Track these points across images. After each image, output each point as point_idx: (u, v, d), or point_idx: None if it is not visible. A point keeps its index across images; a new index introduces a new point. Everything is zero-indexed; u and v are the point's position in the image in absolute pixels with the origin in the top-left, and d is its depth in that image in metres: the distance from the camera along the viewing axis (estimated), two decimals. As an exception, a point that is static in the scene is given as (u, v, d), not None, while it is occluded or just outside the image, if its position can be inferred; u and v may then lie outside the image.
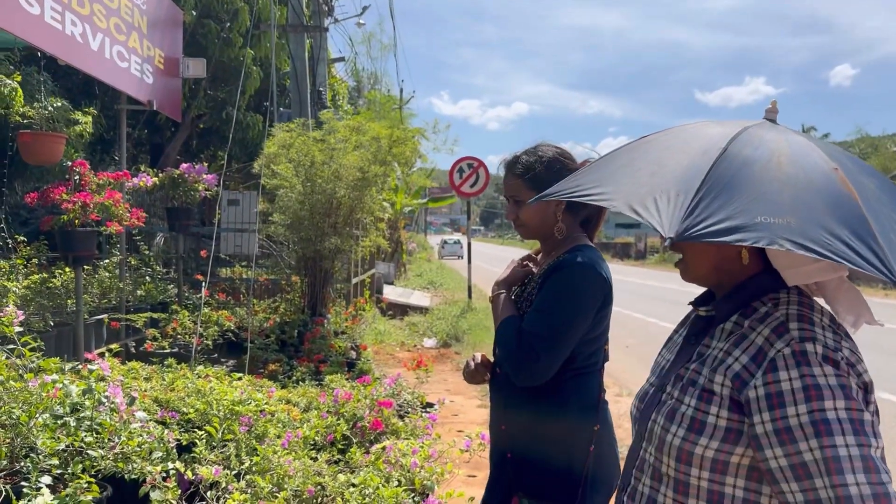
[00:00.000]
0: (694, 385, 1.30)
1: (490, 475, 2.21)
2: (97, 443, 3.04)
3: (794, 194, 1.13)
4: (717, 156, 1.20)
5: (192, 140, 13.64)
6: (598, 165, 1.40)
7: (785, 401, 1.16)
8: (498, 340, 2.04)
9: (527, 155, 2.14)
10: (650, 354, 7.28)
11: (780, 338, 1.22)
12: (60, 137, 5.34)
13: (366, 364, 6.20)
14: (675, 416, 1.30)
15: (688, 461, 1.26)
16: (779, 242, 1.06)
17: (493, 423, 2.19)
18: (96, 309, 6.11)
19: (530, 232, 2.15)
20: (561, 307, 1.97)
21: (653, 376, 1.49)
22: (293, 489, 2.95)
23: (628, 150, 1.39)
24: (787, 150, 1.22)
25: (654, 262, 39.82)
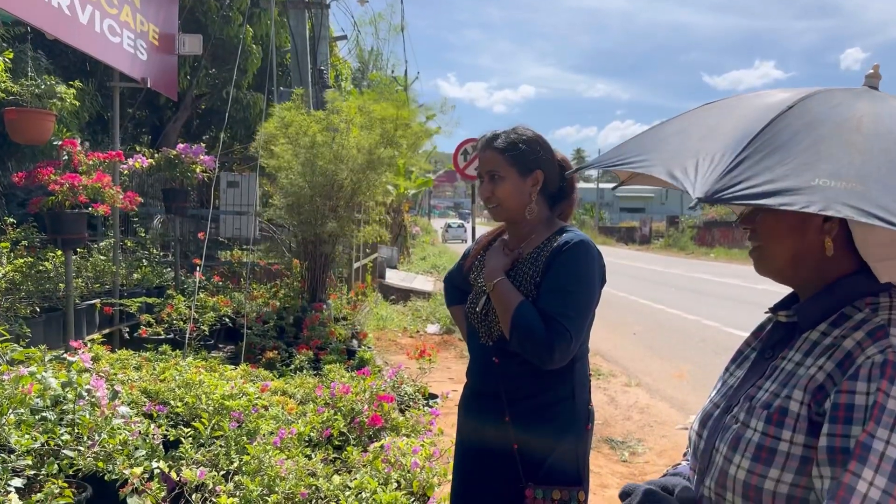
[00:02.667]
0: (767, 407, 1.08)
1: (475, 470, 2.11)
2: (76, 440, 2.85)
3: (868, 158, 0.94)
4: (777, 113, 1.02)
5: (194, 121, 13.39)
6: (650, 133, 1.22)
7: (852, 417, 0.96)
8: (517, 326, 1.94)
9: (506, 132, 2.13)
10: (659, 343, 7.10)
11: (875, 343, 1.01)
12: (49, 114, 5.11)
13: (366, 352, 6.00)
14: (740, 443, 1.08)
15: (757, 499, 1.05)
16: (835, 208, 0.88)
17: (488, 418, 2.07)
18: (89, 293, 5.91)
19: (504, 211, 2.12)
20: (580, 286, 1.98)
21: (718, 395, 1.26)
22: (285, 492, 2.76)
23: (686, 116, 1.20)
24: (873, 112, 1.02)
25: (659, 247, 39.53)
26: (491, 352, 2.08)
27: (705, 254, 32.99)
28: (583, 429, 2.05)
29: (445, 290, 2.58)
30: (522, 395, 2.01)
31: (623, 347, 9.39)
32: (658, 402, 6.65)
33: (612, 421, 5.93)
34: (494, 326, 2.06)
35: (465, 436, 2.18)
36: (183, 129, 12.70)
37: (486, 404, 2.07)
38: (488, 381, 2.08)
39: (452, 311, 2.52)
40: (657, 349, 9.26)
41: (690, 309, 13.08)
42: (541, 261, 2.03)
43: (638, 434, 5.55)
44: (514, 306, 1.96)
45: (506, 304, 1.98)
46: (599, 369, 7.75)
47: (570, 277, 1.97)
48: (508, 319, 1.96)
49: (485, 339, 2.11)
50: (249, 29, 10.19)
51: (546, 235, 2.09)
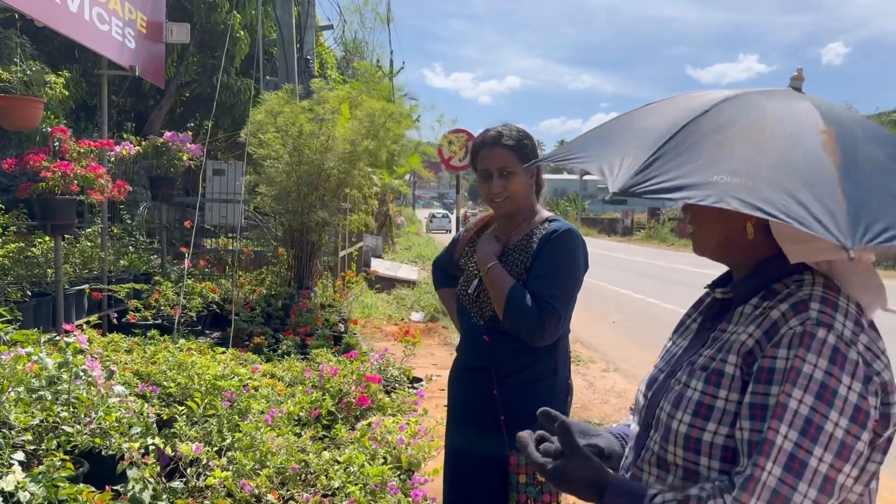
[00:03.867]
0: (704, 369, 1.23)
1: (465, 438, 2.27)
2: (73, 418, 2.95)
3: (763, 156, 1.08)
4: (694, 116, 1.16)
5: (178, 108, 13.38)
6: (597, 130, 1.36)
7: (773, 378, 1.11)
8: (510, 307, 2.11)
9: (509, 130, 2.27)
10: (637, 330, 7.32)
11: (796, 315, 1.15)
12: (38, 101, 5.15)
13: (352, 338, 6.12)
14: (682, 401, 1.22)
15: (696, 449, 1.19)
16: (726, 200, 1.02)
17: (475, 390, 2.24)
18: (77, 279, 5.98)
19: (514, 205, 2.26)
20: (568, 270, 2.17)
21: (662, 362, 1.40)
22: (276, 466, 2.88)
23: (629, 115, 1.34)
24: (778, 114, 1.16)
25: (641, 239, 39.89)
26: (482, 330, 2.25)
27: (685, 245, 33.35)
28: (563, 401, 2.24)
29: (434, 274, 2.74)
30: (510, 371, 2.19)
31: (602, 335, 9.59)
32: (635, 386, 6.82)
33: (589, 405, 6.11)
34: (486, 307, 2.23)
35: (455, 407, 2.35)
36: (167, 116, 12.69)
37: (476, 379, 2.25)
38: (479, 358, 2.25)
39: (441, 293, 2.68)
40: (636, 337, 9.47)
41: (669, 299, 13.31)
42: (531, 247, 2.20)
43: (615, 417, 5.74)
44: (507, 289, 2.12)
45: (499, 287, 2.15)
46: (579, 356, 7.94)
47: (559, 263, 2.16)
48: (502, 301, 2.13)
49: (476, 319, 2.28)
50: (237, 15, 10.21)
51: (534, 224, 2.26)
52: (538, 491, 2.11)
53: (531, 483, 2.11)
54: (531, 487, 2.11)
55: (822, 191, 1.01)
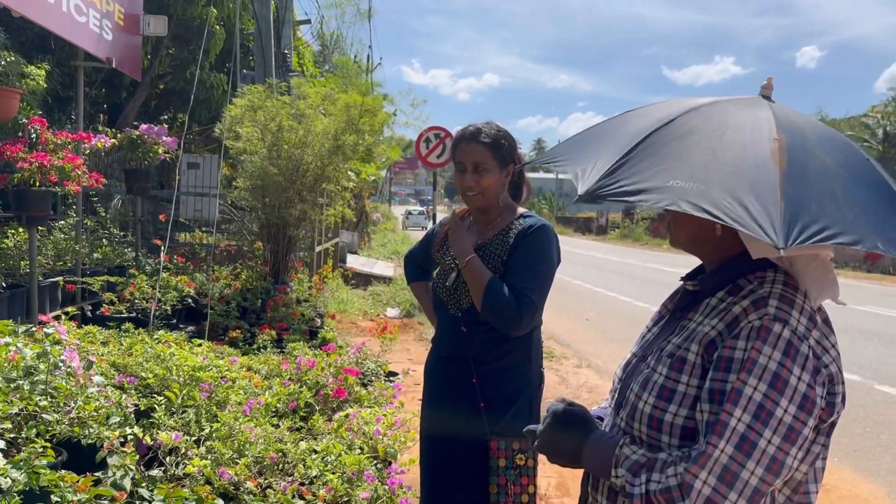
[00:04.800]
0: (671, 356, 1.33)
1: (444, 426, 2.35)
2: (52, 407, 2.97)
3: (716, 162, 1.16)
4: (659, 126, 1.26)
5: (152, 101, 13.26)
6: (581, 135, 1.46)
7: (731, 366, 1.21)
8: (489, 298, 2.20)
9: (488, 127, 2.36)
10: (610, 328, 7.46)
11: (756, 310, 1.25)
12: (14, 92, 5.12)
13: (329, 332, 6.16)
14: (648, 384, 1.33)
15: (658, 428, 1.29)
16: (678, 204, 1.11)
17: (454, 379, 2.33)
18: (51, 271, 5.95)
19: (485, 200, 2.36)
20: (543, 264, 2.27)
21: (637, 347, 1.52)
22: (254, 455, 2.93)
23: (610, 121, 1.44)
24: (738, 123, 1.25)
25: (615, 238, 40.31)
26: (459, 321, 2.33)
27: (658, 244, 33.77)
28: (536, 389, 2.36)
29: (406, 268, 2.82)
30: (487, 359, 2.28)
31: (576, 332, 9.73)
32: (606, 382, 6.97)
33: (562, 399, 6.22)
34: (463, 299, 2.32)
35: (433, 396, 2.42)
36: (141, 108, 12.57)
37: (454, 368, 2.33)
38: (457, 348, 2.33)
39: (414, 286, 2.77)
40: (608, 333, 9.63)
41: (641, 297, 13.52)
42: (507, 241, 2.31)
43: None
44: (485, 281, 2.22)
45: (478, 280, 2.24)
46: (552, 352, 8.06)
47: (535, 257, 2.27)
48: (481, 293, 2.22)
49: (454, 311, 2.36)
50: (213, 10, 10.16)
51: (510, 219, 2.37)
52: (517, 474, 2.22)
53: (510, 466, 2.21)
54: (510, 471, 2.21)
55: (765, 194, 1.10)
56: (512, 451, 2.22)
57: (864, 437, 5.70)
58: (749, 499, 1.15)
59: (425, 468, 2.47)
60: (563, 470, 4.54)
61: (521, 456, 2.23)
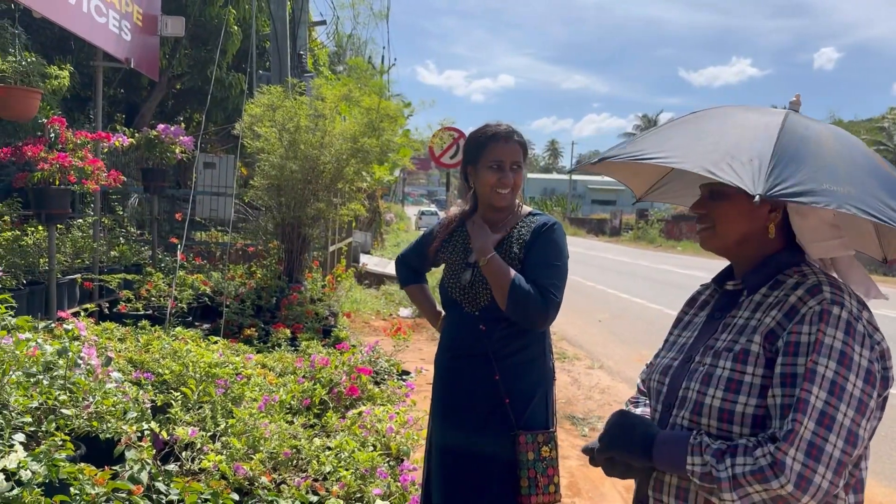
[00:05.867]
0: (729, 350, 1.40)
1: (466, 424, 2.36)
2: (71, 402, 3.03)
3: (846, 168, 1.29)
4: (778, 131, 1.34)
5: (169, 101, 13.39)
6: (648, 135, 1.50)
7: (798, 350, 1.30)
8: (515, 296, 2.23)
9: (514, 128, 2.44)
10: (623, 329, 7.45)
11: (813, 297, 1.34)
12: (36, 92, 5.20)
13: (342, 331, 6.21)
14: (712, 379, 1.39)
15: (729, 419, 1.35)
16: (846, 207, 1.21)
17: (476, 377, 2.34)
18: (69, 268, 6.03)
19: (513, 198, 2.44)
20: (562, 260, 2.33)
21: (671, 352, 1.57)
22: (269, 451, 2.97)
23: (673, 126, 1.50)
24: (827, 132, 1.38)
25: (629, 239, 40.16)
26: (477, 320, 2.35)
27: (672, 246, 33.63)
28: (551, 382, 2.42)
29: (400, 272, 2.83)
30: (506, 355, 2.32)
31: (588, 333, 9.72)
32: (619, 383, 6.98)
33: (574, 400, 6.23)
34: (481, 297, 2.35)
35: (450, 395, 2.41)
36: (158, 108, 12.70)
37: (474, 366, 2.34)
38: (476, 346, 2.34)
39: (409, 290, 2.80)
40: (620, 335, 9.61)
41: (654, 298, 13.48)
42: (522, 239, 2.35)
43: (598, 412, 5.86)
44: (510, 279, 2.25)
45: (502, 277, 2.27)
46: (564, 353, 8.06)
47: (554, 253, 2.33)
48: (506, 290, 2.25)
49: (469, 309, 2.38)
50: (232, 10, 10.25)
51: (520, 217, 2.43)
52: (544, 466, 2.27)
53: (538, 459, 2.26)
54: (539, 463, 2.26)
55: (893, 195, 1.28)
56: (538, 443, 2.27)
57: (879, 441, 5.68)
58: (835, 471, 1.23)
59: (442, 467, 2.42)
60: (574, 470, 4.56)
61: (546, 448, 2.28)
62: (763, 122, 1.38)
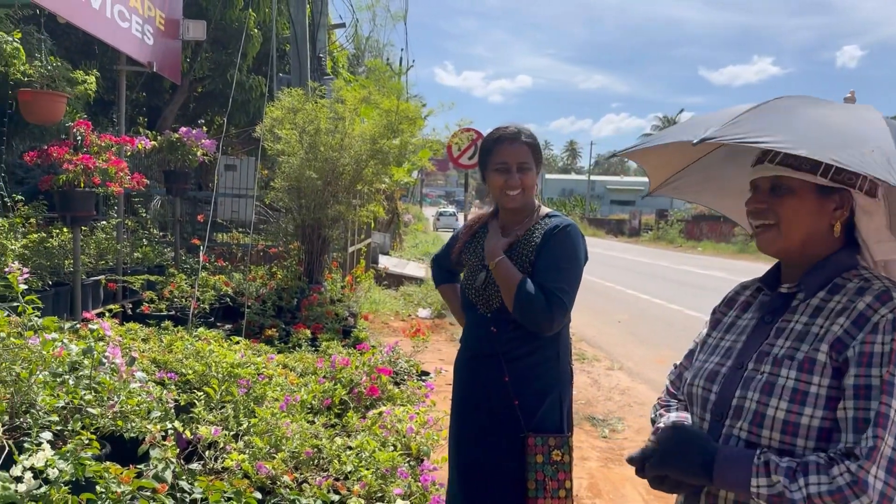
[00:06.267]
0: (791, 359, 1.32)
1: (477, 424, 2.38)
2: (96, 401, 3.07)
3: None
4: (885, 123, 1.28)
5: (191, 103, 13.53)
6: (745, 119, 1.32)
7: (872, 361, 1.22)
8: (520, 299, 2.23)
9: (524, 129, 2.42)
10: (642, 330, 7.41)
11: (884, 304, 1.27)
12: (61, 97, 5.30)
13: (362, 332, 6.24)
14: (774, 389, 1.31)
15: (794, 432, 1.28)
16: None
17: (486, 378, 2.35)
18: (93, 270, 6.12)
19: (525, 199, 2.40)
20: (572, 263, 2.30)
21: (716, 356, 1.48)
22: (291, 450, 3.00)
23: (763, 112, 1.35)
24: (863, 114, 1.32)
25: (648, 240, 39.91)
26: (489, 321, 2.37)
27: (693, 247, 33.38)
28: (566, 386, 2.38)
29: (434, 272, 2.88)
30: (517, 357, 2.31)
31: (607, 334, 9.69)
32: (639, 384, 6.95)
33: (594, 401, 6.22)
34: (493, 299, 2.36)
35: (466, 395, 2.45)
36: (179, 111, 12.84)
37: (486, 367, 2.36)
38: (487, 347, 2.36)
39: (441, 289, 2.82)
40: (640, 336, 9.56)
41: (674, 299, 13.40)
42: (534, 241, 2.33)
43: (618, 413, 5.84)
44: (516, 282, 2.26)
45: (509, 280, 2.28)
46: (584, 354, 8.04)
47: (564, 256, 2.29)
48: (512, 293, 2.26)
49: (483, 311, 2.40)
50: (252, 13, 10.35)
51: (536, 219, 2.40)
52: (554, 469, 2.25)
53: (548, 462, 2.24)
54: (548, 466, 2.24)
55: None
56: (548, 446, 2.25)
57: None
58: None
59: (458, 466, 2.49)
60: (594, 471, 4.55)
61: (557, 452, 2.25)
62: (857, 114, 1.31)
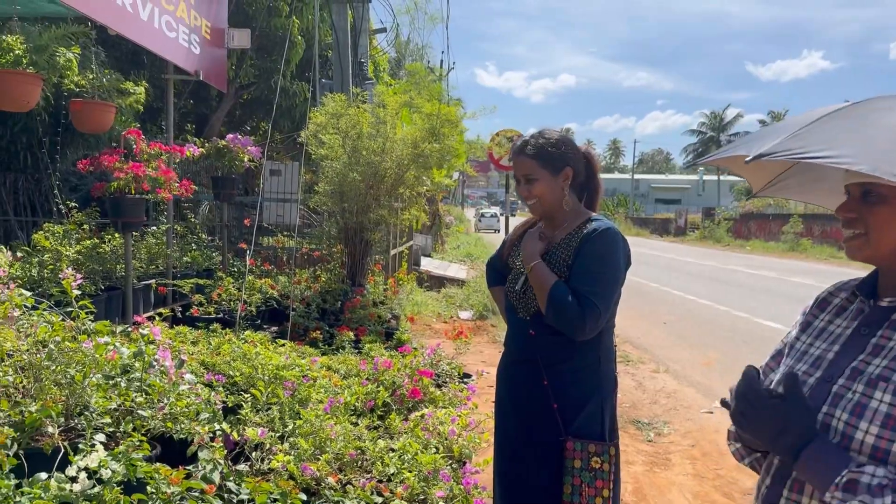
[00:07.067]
0: (887, 381, 1.24)
1: (517, 426, 2.39)
2: (147, 403, 3.16)
3: None
4: None
5: (237, 110, 13.80)
6: (809, 131, 1.28)
7: None
8: (552, 303, 2.23)
9: (535, 138, 2.41)
10: (689, 332, 7.28)
11: None
12: (110, 106, 5.45)
13: (404, 334, 6.28)
14: (866, 412, 1.23)
15: (884, 459, 1.20)
16: None
17: (526, 381, 2.35)
18: (144, 274, 6.28)
19: (543, 206, 2.40)
20: (608, 267, 2.27)
21: (803, 364, 1.41)
22: (335, 452, 3.03)
23: (833, 120, 1.30)
24: None
25: (695, 239, 39.23)
26: (528, 325, 2.38)
27: (741, 246, 32.70)
28: (608, 393, 2.34)
29: (487, 273, 2.90)
30: (556, 362, 2.30)
31: (652, 336, 9.55)
32: (685, 387, 6.83)
33: (639, 404, 6.14)
34: (531, 303, 2.36)
35: (506, 398, 2.46)
36: (226, 118, 13.11)
37: (525, 371, 2.37)
38: (526, 351, 2.37)
39: (493, 291, 2.84)
40: (686, 338, 9.41)
41: (722, 300, 13.14)
42: (572, 246, 2.32)
43: (664, 417, 5.75)
44: (549, 286, 2.25)
45: (542, 284, 2.28)
46: (628, 356, 7.94)
47: (599, 260, 2.27)
48: (545, 297, 2.26)
49: (522, 314, 2.41)
50: (295, 20, 10.51)
51: (576, 223, 2.38)
52: (592, 476, 2.22)
53: (585, 468, 2.22)
54: (585, 472, 2.22)
55: None
56: (588, 453, 2.23)
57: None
58: None
59: (499, 469, 2.50)
60: (639, 475, 4.49)
61: (596, 459, 2.23)
62: None
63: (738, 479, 4.42)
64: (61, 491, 2.22)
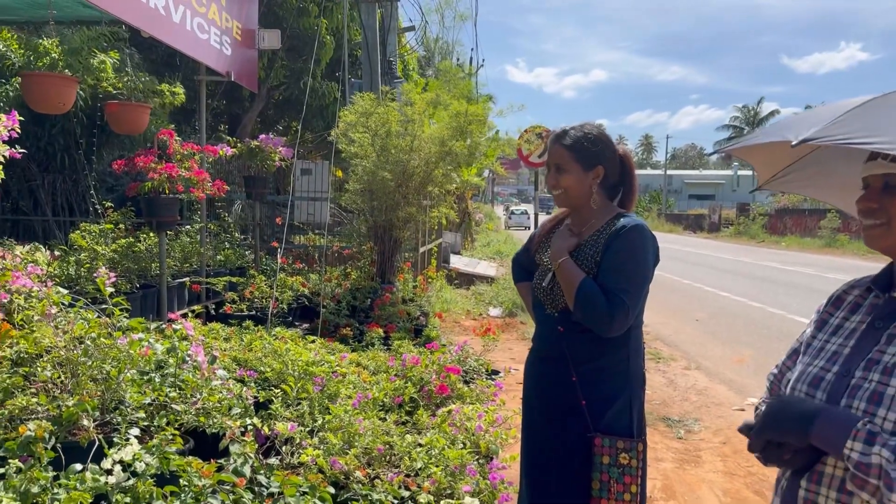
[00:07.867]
0: None
1: (545, 422, 2.39)
2: (180, 398, 3.23)
3: None
4: None
5: (269, 110, 13.96)
6: (850, 118, 1.30)
7: None
8: (580, 299, 2.23)
9: (574, 130, 2.39)
10: (721, 329, 7.18)
11: None
12: (145, 107, 5.57)
13: (433, 330, 6.31)
14: (884, 399, 1.26)
15: None
16: None
17: (555, 378, 2.35)
18: (178, 272, 6.40)
19: (568, 198, 2.40)
20: (637, 264, 2.26)
21: (820, 360, 1.44)
22: (363, 447, 3.07)
23: (872, 108, 1.33)
24: None
25: (729, 235, 38.66)
26: (556, 321, 2.37)
27: (776, 242, 32.15)
28: (637, 390, 2.34)
29: (513, 269, 2.90)
30: (584, 359, 2.30)
31: (684, 333, 9.45)
32: (717, 385, 6.76)
33: (669, 401, 6.09)
34: (559, 299, 2.36)
35: (534, 394, 2.46)
36: (258, 118, 13.28)
37: (553, 367, 2.37)
38: (554, 347, 2.37)
39: (519, 286, 2.84)
40: (719, 335, 9.29)
41: (756, 297, 12.95)
42: (601, 242, 2.31)
43: (694, 414, 5.70)
44: (577, 282, 2.25)
45: (570, 281, 2.27)
46: (659, 353, 7.87)
47: (627, 257, 2.25)
48: (573, 293, 2.25)
49: (550, 311, 2.41)
50: (324, 20, 10.59)
51: (605, 220, 2.37)
52: (620, 472, 2.22)
53: (614, 464, 2.22)
54: (614, 468, 2.22)
55: None
56: (616, 449, 2.23)
57: None
58: None
59: (527, 465, 2.51)
60: (668, 472, 4.46)
61: (624, 455, 2.23)
62: None
63: (769, 477, 4.37)
64: (96, 483, 2.28)
